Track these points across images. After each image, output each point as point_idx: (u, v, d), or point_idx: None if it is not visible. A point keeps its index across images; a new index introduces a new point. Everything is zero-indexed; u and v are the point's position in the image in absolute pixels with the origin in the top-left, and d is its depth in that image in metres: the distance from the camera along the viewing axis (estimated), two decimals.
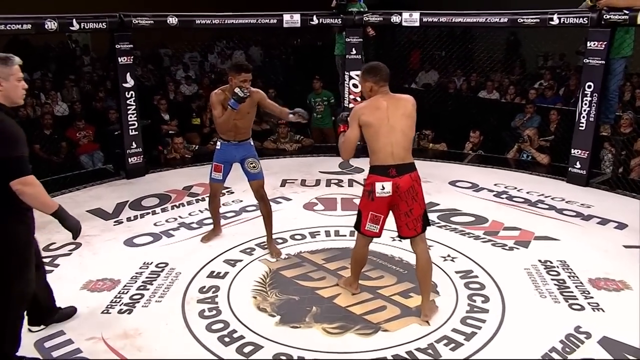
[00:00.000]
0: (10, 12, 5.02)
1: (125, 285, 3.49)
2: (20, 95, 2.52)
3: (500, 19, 5.67)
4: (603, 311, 3.19)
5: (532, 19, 5.48)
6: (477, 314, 3.17)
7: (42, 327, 2.96)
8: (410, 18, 5.99)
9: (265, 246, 4.00)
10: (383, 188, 2.91)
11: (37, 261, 2.74)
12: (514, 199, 5.08)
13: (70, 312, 3.10)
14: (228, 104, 3.60)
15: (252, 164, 3.83)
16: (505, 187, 5.39)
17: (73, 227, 2.57)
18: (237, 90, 3.57)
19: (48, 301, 2.97)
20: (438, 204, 4.90)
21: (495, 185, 5.45)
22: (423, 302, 3.10)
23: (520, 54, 9.47)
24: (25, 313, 2.68)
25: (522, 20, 5.55)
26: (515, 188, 5.36)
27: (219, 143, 3.89)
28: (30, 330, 2.93)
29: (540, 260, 3.81)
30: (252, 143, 3.91)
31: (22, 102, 2.61)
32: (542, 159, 6.14)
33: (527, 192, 5.23)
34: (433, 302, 3.21)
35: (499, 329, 3.03)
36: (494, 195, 5.20)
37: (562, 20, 5.30)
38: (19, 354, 2.65)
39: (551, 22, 5.36)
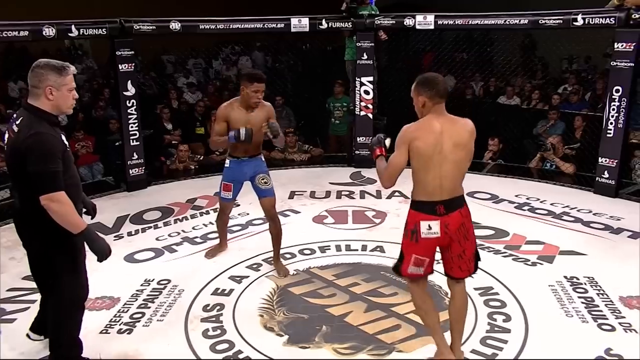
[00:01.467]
0: (9, 18, 5.13)
1: (125, 304, 3.51)
2: (70, 105, 2.60)
3: (520, 21, 5.69)
4: (636, 332, 3.15)
5: (554, 20, 5.48)
6: (498, 334, 3.14)
7: (42, 337, 3.00)
8: (425, 21, 6.02)
9: (273, 261, 4.01)
10: (430, 228, 2.60)
11: None
12: (537, 211, 5.05)
13: None
14: (227, 136, 3.60)
15: (263, 179, 3.80)
16: (527, 199, 5.36)
17: (101, 249, 2.57)
18: (242, 131, 3.54)
19: None
20: None
21: (516, 196, 5.42)
22: (454, 344, 2.83)
23: (542, 57, 9.45)
24: (79, 317, 2.78)
25: (543, 22, 5.56)
26: (538, 199, 5.33)
27: (227, 161, 3.86)
28: (28, 337, 2.99)
29: (565, 277, 3.77)
30: (262, 159, 3.90)
31: (71, 111, 2.71)
32: (566, 168, 6.10)
33: (551, 204, 5.20)
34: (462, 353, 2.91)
35: (521, 351, 3.00)
36: (515, 207, 5.17)
37: (587, 21, 5.30)
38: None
39: (575, 23, 5.36)
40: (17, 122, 2.52)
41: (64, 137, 2.59)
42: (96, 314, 3.39)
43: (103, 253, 2.59)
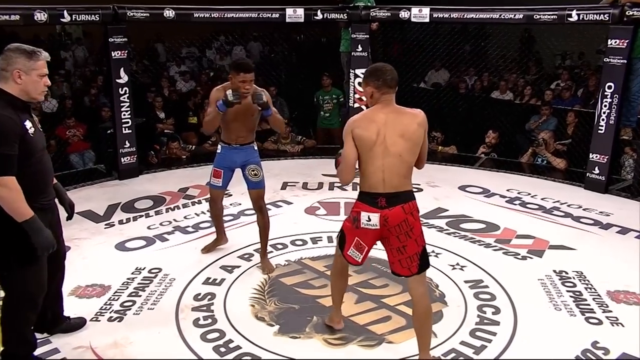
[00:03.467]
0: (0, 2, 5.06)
1: (116, 292, 3.50)
2: (40, 91, 2.54)
3: (515, 15, 5.70)
4: (622, 326, 3.18)
5: (549, 15, 5.50)
6: (488, 326, 3.17)
7: (46, 335, 2.97)
8: (420, 14, 6.02)
9: (267, 252, 4.01)
10: (369, 220, 2.60)
11: (55, 267, 2.78)
12: (528, 205, 5.09)
13: (79, 323, 3.11)
14: (216, 105, 3.49)
15: (253, 170, 3.73)
16: (519, 193, 5.39)
17: (42, 242, 2.47)
18: (228, 92, 3.44)
19: (55, 309, 2.99)
20: (447, 210, 4.90)
21: (507, 190, 5.45)
22: (420, 352, 2.75)
23: (537, 53, 9.48)
24: (29, 315, 2.66)
25: (538, 17, 5.58)
26: (529, 194, 5.36)
27: (219, 147, 3.81)
28: None
29: (555, 271, 3.81)
30: (255, 148, 3.81)
31: (42, 98, 2.64)
32: (558, 164, 6.14)
33: (542, 199, 5.23)
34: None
35: (510, 343, 3.03)
36: (506, 201, 5.20)
37: (581, 17, 5.32)
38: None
39: (570, 19, 5.38)
40: None
41: (29, 123, 2.49)
42: (86, 302, 3.38)
43: (44, 247, 2.48)
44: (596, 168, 5.46)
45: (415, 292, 2.70)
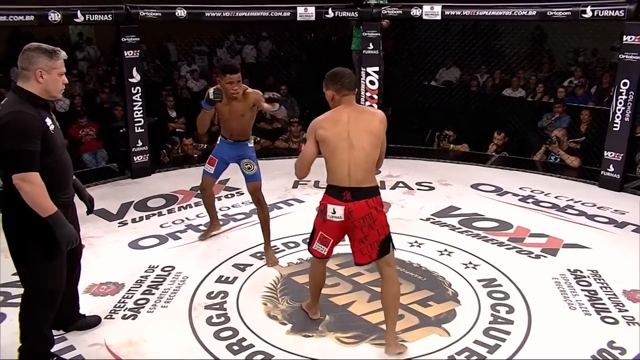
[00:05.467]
0: (13, 3, 5.10)
1: (129, 290, 3.53)
2: (60, 89, 2.59)
3: (528, 12, 5.64)
4: (639, 325, 3.14)
5: (562, 11, 5.43)
6: (501, 325, 3.15)
7: (62, 332, 3.00)
8: (432, 11, 5.98)
9: (277, 250, 4.03)
10: (334, 212, 2.74)
11: (72, 264, 2.81)
12: (541, 203, 5.04)
13: (95, 321, 3.13)
14: (202, 103, 3.65)
15: (247, 165, 3.86)
16: (532, 191, 5.35)
17: (66, 236, 2.51)
18: (210, 91, 3.62)
19: (71, 307, 3.02)
20: (459, 208, 4.88)
21: (520, 189, 5.41)
22: (387, 333, 2.87)
23: (549, 50, 9.39)
24: (48, 312, 2.69)
25: (551, 14, 5.51)
26: (543, 192, 5.32)
27: (219, 139, 4.01)
28: None
29: (569, 270, 3.77)
30: (250, 145, 3.94)
31: (61, 96, 2.69)
32: (571, 162, 6.09)
33: (556, 197, 5.19)
34: (402, 345, 2.92)
35: (524, 342, 3.01)
36: (519, 199, 5.16)
37: (595, 13, 5.25)
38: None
39: (584, 15, 5.31)
40: (1, 103, 2.52)
41: (49, 120, 2.53)
42: (101, 299, 3.41)
43: (67, 241, 2.53)
44: (611, 166, 5.40)
45: (383, 271, 2.85)
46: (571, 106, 6.84)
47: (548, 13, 5.54)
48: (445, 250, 4.08)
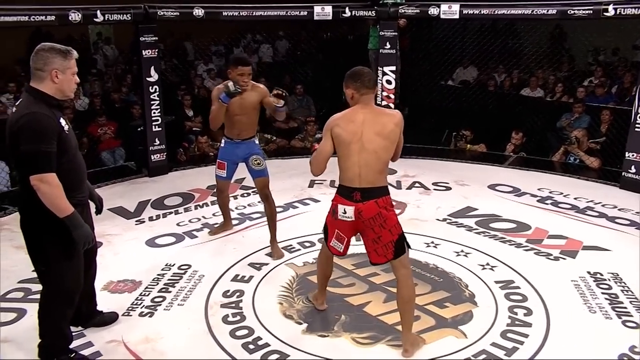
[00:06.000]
0: (36, 3, 5.17)
1: (146, 287, 3.55)
2: (73, 89, 2.60)
3: (548, 11, 5.56)
4: None
5: (584, 10, 5.35)
6: (519, 328, 3.10)
7: (80, 328, 3.04)
8: (450, 10, 5.93)
9: (292, 249, 4.02)
10: (345, 212, 2.78)
11: (88, 262, 2.83)
12: (560, 205, 4.97)
13: (112, 318, 3.16)
14: (219, 97, 3.67)
15: (256, 160, 3.91)
16: (550, 192, 5.27)
17: (81, 237, 2.52)
18: (230, 84, 3.64)
19: (89, 304, 3.05)
20: (476, 209, 4.83)
21: (539, 189, 5.34)
22: (403, 334, 2.90)
23: (569, 49, 9.26)
24: (66, 311, 2.73)
25: (572, 12, 5.43)
26: (562, 193, 5.24)
27: (223, 141, 4.01)
28: None
29: (589, 272, 3.71)
30: (256, 142, 3.99)
31: (73, 95, 2.71)
32: (591, 163, 5.99)
33: (575, 198, 5.11)
34: (419, 337, 2.99)
35: (543, 345, 2.96)
36: (537, 200, 5.09)
37: (618, 11, 5.15)
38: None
39: (606, 14, 5.22)
40: (16, 104, 2.54)
41: (63, 120, 2.55)
42: (118, 297, 3.43)
43: (84, 241, 2.54)
44: (632, 167, 5.30)
45: (398, 273, 2.85)
46: (591, 106, 6.73)
47: (569, 12, 5.46)
48: (462, 251, 4.04)
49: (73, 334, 2.87)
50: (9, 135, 2.47)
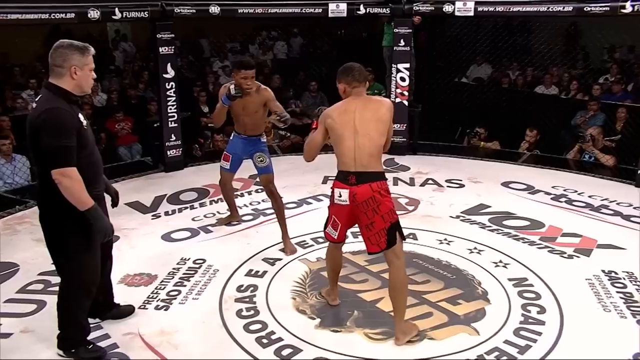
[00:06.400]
0: (54, 1, 5.21)
1: (162, 281, 3.57)
2: (90, 84, 2.65)
3: (564, 8, 5.47)
4: None
5: (601, 7, 5.25)
6: (532, 326, 3.07)
7: (97, 320, 3.07)
8: (464, 7, 5.86)
9: (306, 245, 4.02)
10: (340, 196, 2.85)
11: (105, 255, 2.86)
12: (574, 203, 4.90)
13: (129, 310, 3.19)
14: (221, 99, 3.79)
15: (259, 157, 4.00)
16: (565, 190, 5.20)
17: (102, 230, 2.56)
18: (231, 87, 3.75)
19: (106, 296, 3.08)
20: (489, 206, 4.78)
21: (553, 187, 5.27)
22: (395, 322, 2.93)
23: (583, 47, 9.12)
24: (85, 302, 2.77)
25: (589, 9, 5.33)
26: (576, 191, 5.17)
27: (232, 135, 4.15)
28: None
29: (603, 271, 3.66)
30: (262, 140, 4.07)
31: (90, 91, 2.72)
32: (606, 161, 5.90)
33: (589, 196, 5.03)
34: (413, 325, 3.01)
35: (556, 344, 2.93)
36: (551, 198, 5.03)
37: (635, 8, 5.06)
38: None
39: (623, 11, 5.12)
40: (36, 100, 2.58)
41: (81, 116, 2.59)
42: (135, 290, 3.46)
43: (104, 233, 2.58)
44: None
45: (391, 264, 2.89)
46: (606, 104, 6.62)
47: (585, 9, 5.37)
48: (475, 248, 4.00)
49: (90, 325, 2.90)
50: (29, 131, 2.51)
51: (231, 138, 4.15)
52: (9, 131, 5.84)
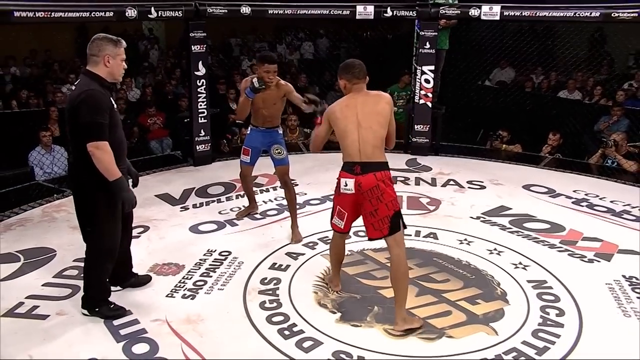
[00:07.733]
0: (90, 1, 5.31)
1: (189, 271, 3.60)
2: (121, 73, 2.89)
3: (591, 13, 5.33)
4: None
5: (629, 13, 5.10)
6: (551, 328, 3.01)
7: (118, 288, 3.25)
8: (490, 12, 5.76)
9: (328, 240, 4.00)
10: (346, 185, 2.93)
11: (125, 227, 3.06)
12: (596, 207, 4.79)
13: (146, 279, 3.40)
14: (245, 92, 3.84)
15: (277, 149, 4.05)
16: (586, 194, 5.08)
17: (127, 199, 2.81)
18: (254, 80, 3.80)
19: (124, 265, 3.25)
20: (510, 208, 4.70)
21: (574, 191, 5.16)
22: (396, 310, 2.96)
23: (608, 53, 8.90)
24: (108, 266, 2.99)
25: (616, 15, 5.19)
26: (597, 196, 5.05)
27: (249, 128, 4.19)
28: None
29: (624, 276, 3.57)
30: (279, 131, 4.13)
31: (121, 79, 2.98)
32: (629, 166, 5.75)
33: (611, 201, 4.91)
34: (417, 318, 3.03)
35: (575, 346, 2.87)
36: (572, 202, 4.92)
37: None
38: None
39: None
40: (75, 83, 2.85)
41: (112, 100, 2.84)
42: (163, 279, 3.50)
43: (129, 203, 2.82)
44: None
45: (392, 252, 2.94)
46: (631, 109, 6.45)
47: (612, 14, 5.22)
48: (495, 249, 3.94)
49: (119, 310, 3.03)
50: (68, 110, 2.78)
51: (248, 132, 4.20)
52: (53, 122, 6.00)
